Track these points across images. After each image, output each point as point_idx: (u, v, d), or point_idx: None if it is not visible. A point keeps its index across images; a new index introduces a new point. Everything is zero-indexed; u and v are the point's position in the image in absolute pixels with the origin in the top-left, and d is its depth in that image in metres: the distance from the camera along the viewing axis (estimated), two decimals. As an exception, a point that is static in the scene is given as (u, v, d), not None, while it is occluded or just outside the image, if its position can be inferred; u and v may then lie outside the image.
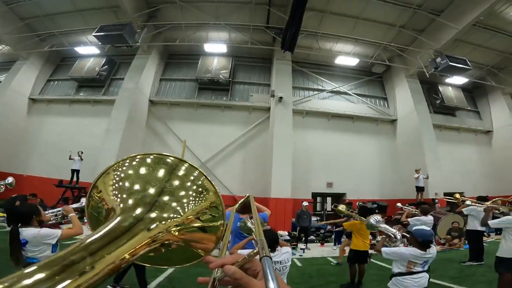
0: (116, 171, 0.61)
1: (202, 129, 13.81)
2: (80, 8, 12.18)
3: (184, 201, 0.62)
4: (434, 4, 11.99)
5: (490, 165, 15.61)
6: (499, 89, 15.54)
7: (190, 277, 5.13)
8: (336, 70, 15.53)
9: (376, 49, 14.27)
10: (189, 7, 12.44)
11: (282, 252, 2.84)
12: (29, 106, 14.30)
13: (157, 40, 13.75)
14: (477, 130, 16.05)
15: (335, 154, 13.87)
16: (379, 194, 13.75)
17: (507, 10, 11.71)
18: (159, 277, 5.07)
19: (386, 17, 12.88)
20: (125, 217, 0.51)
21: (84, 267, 0.35)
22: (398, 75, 14.81)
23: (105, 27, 10.75)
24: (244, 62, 15.19)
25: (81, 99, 14.35)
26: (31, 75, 14.02)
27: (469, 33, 12.74)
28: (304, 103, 14.50)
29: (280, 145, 12.03)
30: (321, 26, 13.30)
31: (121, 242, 0.44)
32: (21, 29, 13.20)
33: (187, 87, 14.77)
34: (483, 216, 4.77)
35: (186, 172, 0.66)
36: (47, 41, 13.74)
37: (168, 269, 5.33)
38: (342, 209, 6.10)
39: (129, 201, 0.55)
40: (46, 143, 13.86)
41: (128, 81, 13.02)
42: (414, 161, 12.92)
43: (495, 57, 14.58)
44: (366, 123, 14.79)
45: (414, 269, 3.04)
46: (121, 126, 12.19)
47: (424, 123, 13.41)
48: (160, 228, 0.54)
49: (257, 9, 12.72)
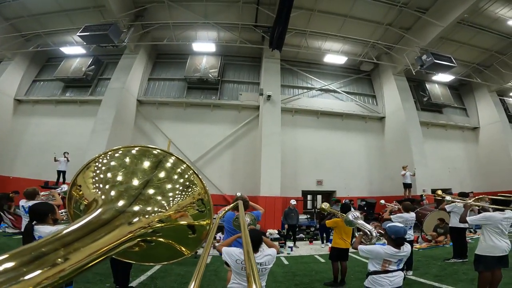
0: (97, 162, 0.59)
1: (191, 129, 13.74)
2: (66, 8, 11.97)
3: (169, 195, 0.59)
4: (420, 2, 12.14)
5: (477, 162, 15.89)
6: (485, 87, 15.81)
7: (173, 276, 5.13)
8: (325, 68, 15.60)
9: (364, 47, 14.38)
10: (177, 6, 12.36)
11: (264, 254, 2.82)
12: (14, 107, 14.03)
13: (145, 40, 13.63)
14: (464, 127, 16.32)
15: (325, 152, 13.93)
16: (368, 191, 13.88)
17: (491, 8, 11.91)
18: (142, 276, 5.03)
19: (373, 15, 12.99)
20: (106, 209, 0.49)
21: (56, 258, 0.34)
22: (386, 73, 14.95)
23: (90, 27, 10.59)
24: (234, 61, 15.16)
25: (67, 100, 14.13)
26: (17, 76, 13.75)
27: (454, 31, 12.95)
28: (293, 101, 14.53)
29: (268, 143, 12.05)
30: (310, 24, 13.32)
31: (99, 235, 0.42)
32: (5, 30, 12.92)
33: (176, 86, 14.67)
34: (462, 213, 4.76)
35: (173, 166, 0.63)
36: (32, 41, 13.47)
37: (151, 268, 5.30)
38: (325, 207, 6.20)
39: (111, 193, 0.53)
40: (33, 144, 13.62)
41: (115, 81, 12.88)
42: (401, 158, 13.07)
43: (480, 55, 14.82)
44: (355, 121, 14.90)
45: (389, 268, 3.04)
46: (107, 126, 12.06)
47: (410, 121, 13.57)
48: (142, 222, 0.52)
49: (246, 8, 12.69)
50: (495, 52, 14.45)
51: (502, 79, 15.19)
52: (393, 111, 14.37)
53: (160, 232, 0.56)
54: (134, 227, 0.50)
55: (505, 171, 14.56)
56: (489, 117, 15.75)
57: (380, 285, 3.00)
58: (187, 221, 0.61)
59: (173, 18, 12.79)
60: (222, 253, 2.79)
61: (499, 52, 14.42)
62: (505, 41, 13.73)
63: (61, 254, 0.35)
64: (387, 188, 13.64)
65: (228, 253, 2.73)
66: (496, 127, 15.35)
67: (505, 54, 14.36)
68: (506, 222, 4.12)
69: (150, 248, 0.58)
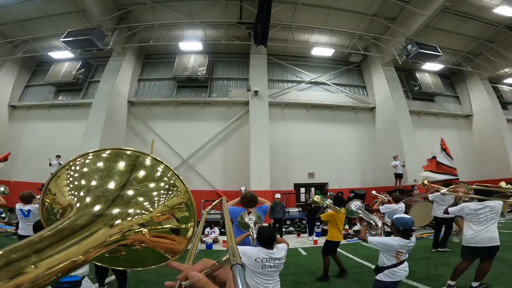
0: (69, 170, 0.57)
1: (182, 127, 13.91)
2: (49, 13, 12.07)
3: (150, 197, 0.58)
4: (403, -9, 12.07)
5: (470, 150, 15.84)
6: (477, 74, 15.72)
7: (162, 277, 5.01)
8: (315, 61, 15.59)
9: (351, 38, 14.34)
10: (160, 7, 12.43)
11: (279, 248, 2.83)
12: (9, 113, 14.30)
13: (132, 41, 13.76)
14: (457, 114, 16.26)
15: (316, 144, 14.02)
16: (360, 182, 13.96)
17: (474, -4, 11.81)
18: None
19: (357, 6, 12.96)
20: (81, 214, 0.48)
21: (27, 265, 0.33)
22: (375, 63, 14.93)
23: (73, 32, 10.72)
24: (222, 58, 15.23)
25: (60, 104, 14.37)
26: (9, 82, 13.98)
27: (439, 19, 12.85)
28: (283, 95, 14.60)
29: (257, 138, 12.23)
30: (295, 18, 13.32)
31: (73, 241, 0.41)
32: (-8, 37, 13.13)
33: (166, 86, 14.81)
34: (450, 204, 4.69)
35: (151, 167, 0.61)
36: (20, 47, 13.64)
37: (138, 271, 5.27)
38: (317, 200, 5.92)
39: (86, 198, 0.52)
40: (29, 148, 13.89)
41: (104, 83, 13.05)
42: (392, 148, 13.11)
43: (469, 43, 14.70)
44: (345, 112, 14.95)
45: (402, 258, 3.06)
46: (99, 129, 12.27)
47: (400, 110, 13.57)
48: (122, 226, 0.50)
49: (230, 5, 12.73)
50: (484, 40, 14.32)
51: (493, 67, 15.07)
52: (382, 101, 14.39)
53: (142, 235, 0.56)
54: (113, 231, 0.49)
55: (499, 158, 14.55)
56: (481, 104, 15.67)
57: (399, 277, 3.05)
58: (171, 223, 0.60)
59: (157, 19, 12.88)
60: None
61: (488, 40, 14.29)
62: (493, 29, 13.60)
63: (32, 260, 0.34)
64: (379, 178, 13.71)
65: (244, 253, 2.66)
66: (489, 114, 15.27)
67: (494, 42, 14.23)
68: (485, 211, 4.06)
69: (132, 252, 0.57)
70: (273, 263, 2.69)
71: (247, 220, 3.04)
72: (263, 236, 2.77)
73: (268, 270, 2.67)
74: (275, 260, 2.71)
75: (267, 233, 2.80)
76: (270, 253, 2.71)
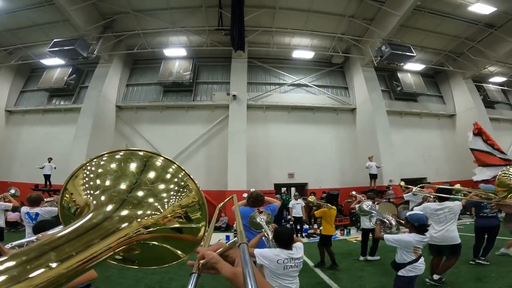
0: (85, 170, 0.59)
1: (167, 130, 14.47)
2: (37, 22, 12.71)
3: (162, 197, 0.59)
4: (377, -8, 12.23)
5: (454, 150, 15.89)
6: (460, 74, 15.76)
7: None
8: (298, 63, 15.91)
9: (331, 40, 14.62)
10: (143, 15, 12.96)
11: (297, 247, 2.84)
12: (6, 117, 15.15)
13: (119, 48, 14.36)
14: (440, 114, 16.36)
15: (296, 146, 14.40)
16: (340, 182, 14.28)
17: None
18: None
19: (334, 8, 13.16)
20: (98, 213, 0.50)
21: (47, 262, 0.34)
22: (355, 64, 15.18)
23: (58, 42, 11.37)
24: (207, 63, 15.69)
25: (53, 109, 15.12)
26: (4, 88, 14.81)
27: (416, 19, 13.02)
28: (264, 98, 15.01)
29: (234, 140, 12.74)
30: (275, 22, 13.66)
31: (92, 240, 0.43)
32: (-14, 45, 13.80)
33: (153, 90, 15.39)
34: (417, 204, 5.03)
35: (162, 167, 0.63)
36: (14, 54, 14.40)
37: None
38: (312, 200, 7.45)
39: (101, 198, 0.53)
40: (25, 151, 14.68)
41: (92, 89, 13.71)
42: (370, 149, 13.41)
43: (450, 42, 14.76)
44: (326, 113, 15.26)
45: (419, 253, 3.17)
46: (87, 133, 12.93)
47: (377, 111, 13.82)
48: (134, 226, 0.52)
49: (210, 12, 13.13)
50: (465, 39, 14.37)
51: (476, 66, 15.10)
52: (362, 102, 14.66)
53: (155, 235, 0.57)
54: (127, 231, 0.50)
55: (481, 157, 14.59)
56: (465, 104, 15.73)
57: (420, 270, 3.17)
58: (183, 223, 0.61)
59: (141, 27, 13.45)
60: (256, 256, 2.68)
61: (469, 39, 14.33)
62: (473, 27, 13.66)
63: (52, 258, 0.35)
64: (360, 178, 13.96)
65: (264, 256, 2.66)
66: (472, 113, 15.29)
67: (475, 40, 14.27)
68: (444, 211, 4.31)
69: (146, 251, 0.58)
70: (293, 263, 2.71)
71: (259, 220, 3.03)
72: (283, 236, 2.75)
73: (289, 270, 2.67)
74: (295, 260, 2.72)
75: (286, 234, 2.79)
76: (290, 253, 2.72)
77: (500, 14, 12.71)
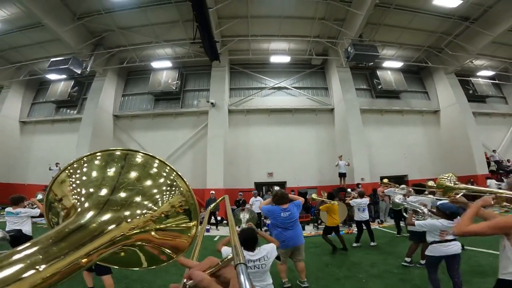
0: (67, 172, 0.57)
1: (158, 136, 15.80)
2: (37, 41, 14.26)
3: (148, 196, 0.56)
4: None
5: (439, 146, 15.96)
6: (442, 69, 15.67)
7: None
8: (279, 66, 16.59)
9: (307, 43, 15.14)
10: (128, 32, 14.27)
11: (262, 249, 2.83)
12: (20, 128, 17.23)
13: (112, 62, 15.82)
14: (423, 111, 16.36)
15: (275, 146, 15.19)
16: (317, 181, 14.90)
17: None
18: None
19: (305, 12, 13.61)
20: (84, 215, 0.48)
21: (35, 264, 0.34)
22: (332, 66, 15.62)
23: (54, 62, 12.91)
24: (192, 71, 16.82)
25: (60, 119, 16.99)
26: (17, 101, 16.82)
27: (384, 16, 13.24)
28: (246, 102, 15.91)
29: (212, 144, 13.77)
30: (250, 30, 14.38)
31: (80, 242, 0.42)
32: (-3, 62, 15.55)
33: (146, 99, 16.78)
34: None
35: (143, 164, 0.59)
36: (22, 69, 16.23)
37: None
38: (315, 197, 8.98)
39: (86, 201, 0.51)
40: (38, 157, 16.63)
41: (90, 101, 15.30)
42: (344, 148, 13.94)
43: (428, 38, 14.77)
44: (305, 115, 15.86)
45: (447, 237, 3.64)
46: (87, 141, 14.50)
47: (350, 111, 14.26)
48: (123, 228, 0.50)
49: (187, 25, 14.05)
50: (442, 33, 14.32)
51: (457, 60, 14.99)
52: (338, 102, 15.10)
53: (143, 236, 0.55)
54: (117, 232, 0.49)
55: (465, 154, 14.65)
56: (447, 99, 15.67)
57: (439, 252, 3.66)
58: (173, 222, 0.58)
59: (129, 42, 14.78)
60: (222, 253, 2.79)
61: (446, 33, 14.28)
62: (447, 21, 13.65)
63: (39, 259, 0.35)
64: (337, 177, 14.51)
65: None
66: (454, 109, 15.28)
67: (452, 34, 14.17)
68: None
69: (136, 252, 0.57)
70: (251, 264, 2.64)
71: (242, 216, 3.11)
72: (243, 237, 2.75)
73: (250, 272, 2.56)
74: (254, 262, 2.66)
75: (247, 235, 2.78)
76: (250, 254, 2.69)
77: (473, 6, 12.66)
